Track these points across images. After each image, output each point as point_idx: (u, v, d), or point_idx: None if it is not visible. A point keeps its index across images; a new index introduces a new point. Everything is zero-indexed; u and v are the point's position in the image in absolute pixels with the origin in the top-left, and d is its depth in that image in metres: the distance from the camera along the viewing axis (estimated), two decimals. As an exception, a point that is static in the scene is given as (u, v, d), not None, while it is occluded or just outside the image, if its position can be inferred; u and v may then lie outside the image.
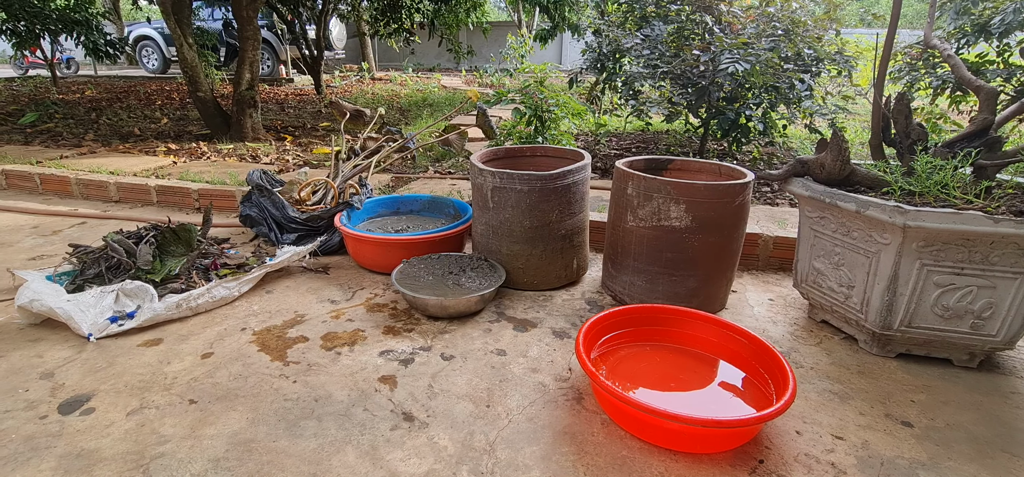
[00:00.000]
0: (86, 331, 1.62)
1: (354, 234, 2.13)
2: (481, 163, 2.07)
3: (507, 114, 4.80)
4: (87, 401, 1.36)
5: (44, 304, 1.66)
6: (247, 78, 4.32)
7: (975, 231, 1.36)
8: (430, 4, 7.28)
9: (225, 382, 1.44)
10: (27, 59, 10.26)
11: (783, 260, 2.23)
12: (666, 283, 1.82)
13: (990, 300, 1.43)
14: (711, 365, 1.52)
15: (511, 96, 3.36)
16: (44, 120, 4.96)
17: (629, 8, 3.91)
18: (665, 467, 1.18)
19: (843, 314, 1.68)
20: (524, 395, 1.41)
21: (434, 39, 7.94)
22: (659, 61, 3.22)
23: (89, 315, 1.68)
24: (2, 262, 2.21)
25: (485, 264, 2.03)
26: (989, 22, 3.17)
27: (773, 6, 3.38)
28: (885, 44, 1.79)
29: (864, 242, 1.54)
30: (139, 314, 1.71)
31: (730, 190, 1.72)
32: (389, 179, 3.26)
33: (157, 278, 1.89)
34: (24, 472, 1.13)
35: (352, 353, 1.59)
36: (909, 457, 1.22)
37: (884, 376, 1.53)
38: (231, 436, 1.25)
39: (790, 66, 3.02)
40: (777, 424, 1.31)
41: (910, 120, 1.72)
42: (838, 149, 1.61)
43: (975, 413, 1.38)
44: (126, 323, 1.68)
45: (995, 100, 1.65)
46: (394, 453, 1.20)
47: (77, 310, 1.67)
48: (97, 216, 2.80)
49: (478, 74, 10.00)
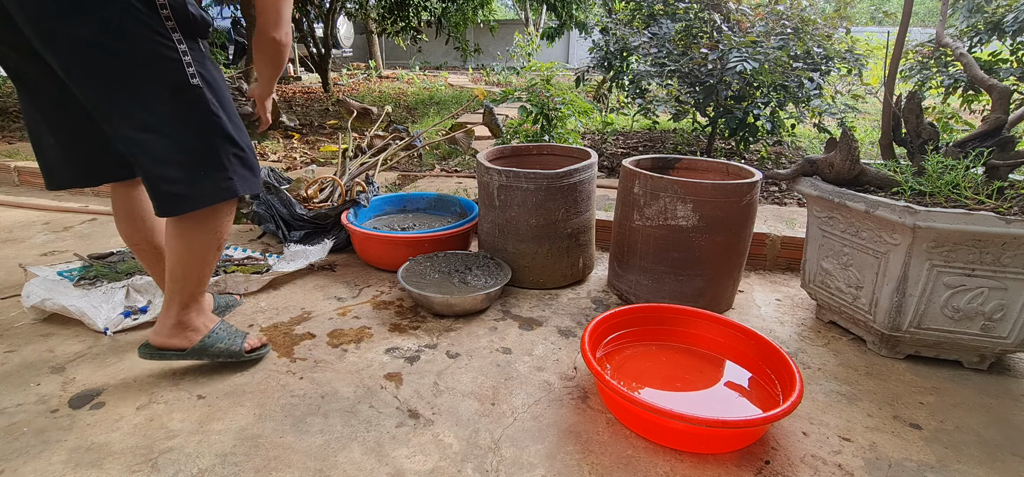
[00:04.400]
0: (102, 326, 1.65)
1: (361, 232, 2.14)
2: (488, 161, 2.07)
3: (514, 112, 4.80)
4: (97, 395, 1.38)
5: (57, 303, 1.68)
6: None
7: (986, 232, 1.34)
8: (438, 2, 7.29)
9: (233, 378, 1.45)
10: (39, 57, 10.35)
11: (791, 260, 2.21)
12: (672, 282, 1.81)
13: (1001, 302, 1.41)
14: (717, 365, 1.51)
15: (518, 94, 3.36)
16: (56, 117, 5.01)
17: (637, 6, 3.90)
18: (670, 467, 1.18)
19: (851, 315, 1.67)
20: (529, 393, 1.41)
21: (441, 37, 7.94)
22: (667, 59, 3.21)
23: (102, 311, 1.70)
24: (14, 257, 2.24)
25: (491, 262, 2.03)
26: (1002, 20, 3.13)
27: (783, 4, 3.36)
28: (896, 42, 1.77)
29: (873, 242, 1.53)
30: (152, 308, 1.73)
31: (738, 189, 1.71)
32: (396, 177, 3.27)
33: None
34: (36, 464, 1.15)
35: (358, 350, 1.60)
36: (917, 459, 1.21)
37: (892, 378, 1.51)
38: (238, 431, 1.26)
39: (799, 65, 2.99)
40: (784, 425, 1.31)
41: (921, 119, 1.71)
42: (847, 148, 1.60)
43: (985, 416, 1.36)
44: (139, 317, 1.70)
45: (1008, 99, 1.63)
46: (399, 450, 1.21)
47: (90, 306, 1.70)
48: (108, 213, 2.83)
49: (485, 72, 10.00)
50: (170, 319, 1.38)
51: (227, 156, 1.26)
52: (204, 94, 1.22)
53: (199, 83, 1.21)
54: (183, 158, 1.22)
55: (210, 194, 1.26)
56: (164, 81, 1.18)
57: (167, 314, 1.38)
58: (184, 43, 1.20)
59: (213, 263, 1.38)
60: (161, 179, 1.22)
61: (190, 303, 1.38)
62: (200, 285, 1.38)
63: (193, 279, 1.36)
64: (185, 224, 1.30)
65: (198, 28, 1.23)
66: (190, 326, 1.40)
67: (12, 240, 2.45)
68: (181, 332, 1.39)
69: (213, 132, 1.24)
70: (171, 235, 1.31)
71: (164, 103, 1.19)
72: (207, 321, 1.44)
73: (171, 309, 1.38)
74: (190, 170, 1.23)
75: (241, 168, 1.29)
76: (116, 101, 1.16)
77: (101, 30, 1.10)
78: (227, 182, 1.26)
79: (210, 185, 1.25)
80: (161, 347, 1.40)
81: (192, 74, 1.20)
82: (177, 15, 1.18)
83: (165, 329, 1.38)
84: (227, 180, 1.26)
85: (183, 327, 1.39)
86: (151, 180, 1.24)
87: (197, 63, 1.22)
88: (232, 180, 1.27)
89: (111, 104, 1.17)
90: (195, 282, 1.36)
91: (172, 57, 1.18)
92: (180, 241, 1.31)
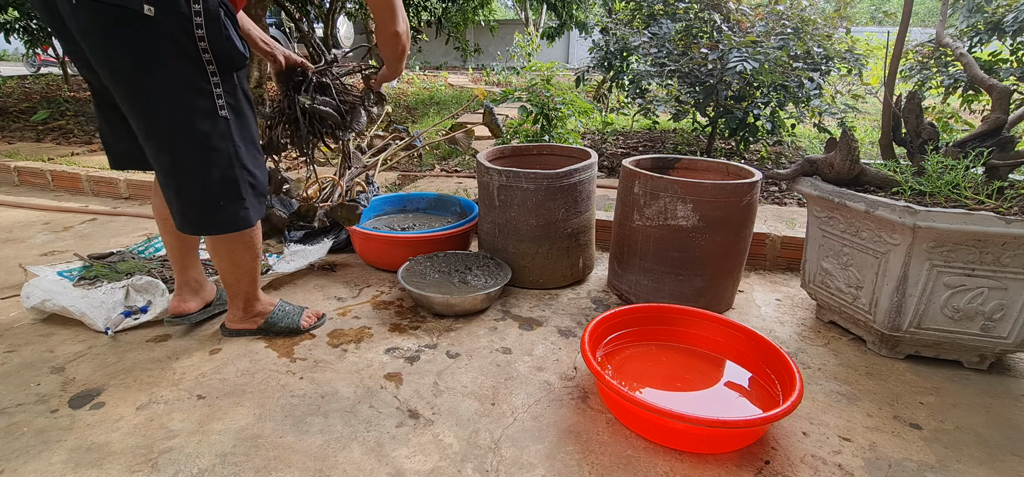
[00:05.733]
0: (102, 326, 1.65)
1: (361, 232, 2.14)
2: (488, 161, 2.07)
3: (514, 112, 4.79)
4: (97, 395, 1.38)
5: (57, 303, 1.68)
6: (255, 77, 4.35)
7: (986, 232, 1.34)
8: (438, 2, 7.28)
9: (233, 378, 1.45)
10: (39, 57, 10.36)
11: (791, 260, 2.21)
12: (672, 282, 1.81)
13: (1001, 302, 1.41)
14: (717, 365, 1.51)
15: (518, 94, 3.36)
16: (55, 118, 5.02)
17: (637, 6, 3.90)
18: (670, 467, 1.18)
19: (851, 315, 1.67)
20: (529, 393, 1.41)
21: (441, 37, 7.93)
22: (667, 59, 3.21)
23: (102, 311, 1.70)
24: (15, 257, 2.24)
25: (491, 262, 2.03)
26: (1002, 20, 3.13)
27: (783, 4, 3.36)
28: (896, 42, 1.77)
29: (873, 242, 1.53)
30: (152, 308, 1.73)
31: (738, 189, 1.71)
32: (396, 177, 3.27)
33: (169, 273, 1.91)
34: (36, 464, 1.15)
35: (358, 350, 1.60)
36: (917, 459, 1.21)
37: (892, 378, 1.51)
38: (238, 431, 1.26)
39: (799, 64, 2.99)
40: (784, 425, 1.31)
41: (921, 119, 1.71)
42: (847, 148, 1.60)
43: (985, 416, 1.36)
44: (140, 317, 1.70)
45: (1008, 99, 1.63)
46: (399, 450, 1.21)
47: (90, 307, 1.69)
48: (107, 213, 2.83)
49: (485, 72, 10.00)
50: (238, 311, 1.61)
51: (244, 186, 1.37)
52: (230, 127, 1.30)
53: (227, 115, 1.29)
54: (201, 188, 1.32)
55: (224, 224, 1.38)
56: (195, 112, 1.25)
57: (234, 307, 1.61)
58: (218, 76, 1.26)
59: (253, 266, 1.54)
60: (184, 204, 1.35)
61: (251, 299, 1.60)
62: (252, 285, 1.58)
63: (244, 281, 1.55)
64: (216, 242, 1.45)
65: (235, 63, 1.29)
66: (254, 312, 1.63)
67: (12, 240, 2.45)
68: (248, 318, 1.63)
69: (233, 164, 1.33)
70: (209, 248, 1.48)
71: (191, 134, 1.27)
72: (267, 306, 1.65)
73: (236, 303, 1.60)
74: (206, 202, 1.34)
75: (253, 196, 1.41)
76: (150, 127, 1.27)
77: (140, 60, 1.19)
78: (244, 211, 1.39)
79: (224, 216, 1.37)
80: (235, 329, 1.64)
81: (221, 106, 1.28)
82: (214, 49, 1.24)
83: (236, 318, 1.63)
84: (244, 210, 1.39)
85: (249, 314, 1.63)
86: (173, 204, 1.37)
87: (227, 94, 1.29)
88: (248, 211, 1.40)
89: (147, 129, 1.27)
90: (247, 283, 1.56)
91: (205, 89, 1.25)
92: (216, 255, 1.49)
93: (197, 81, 1.23)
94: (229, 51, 1.25)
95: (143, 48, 1.17)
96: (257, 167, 1.40)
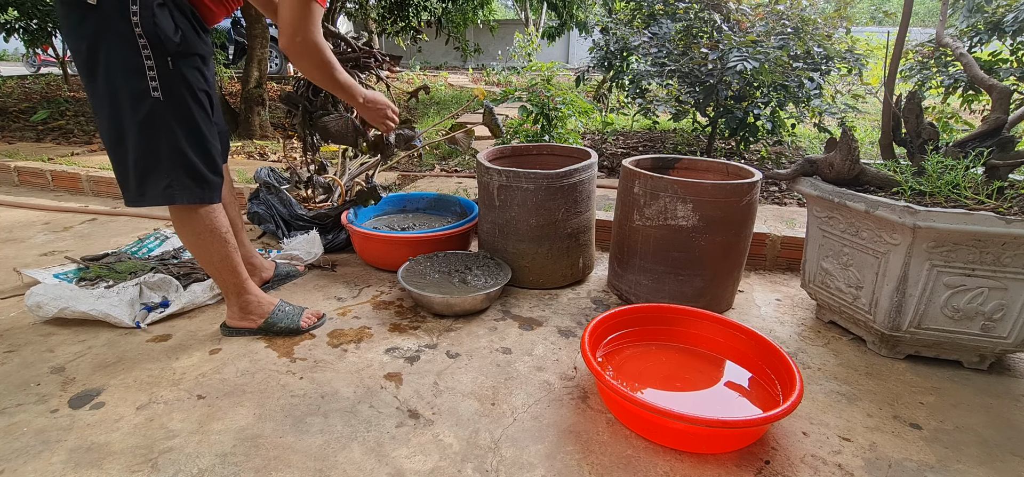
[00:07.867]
0: (130, 321, 1.68)
1: (361, 232, 2.14)
2: (488, 161, 2.07)
3: (514, 112, 4.80)
4: (97, 395, 1.38)
5: (76, 310, 1.68)
6: (255, 76, 4.34)
7: (986, 232, 1.34)
8: (438, 2, 7.28)
9: (233, 378, 1.45)
10: (39, 57, 10.37)
11: (791, 260, 2.21)
12: (672, 282, 1.81)
13: (1001, 302, 1.41)
14: (717, 365, 1.51)
15: (518, 94, 3.36)
16: (55, 117, 5.02)
17: (637, 6, 3.90)
18: (670, 467, 1.18)
19: (851, 315, 1.67)
20: (529, 393, 1.41)
21: (441, 37, 7.93)
22: (667, 59, 3.21)
23: (124, 309, 1.71)
24: (14, 258, 2.24)
25: (491, 262, 2.03)
26: (1002, 20, 3.13)
27: (783, 4, 3.36)
28: (896, 42, 1.77)
29: (873, 242, 1.53)
30: (175, 301, 1.77)
31: (738, 189, 1.71)
32: (396, 177, 3.27)
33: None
34: (36, 464, 1.15)
35: (358, 350, 1.60)
36: (917, 459, 1.21)
37: (892, 378, 1.51)
38: (238, 431, 1.26)
39: (799, 64, 2.99)
40: (784, 425, 1.31)
41: (921, 119, 1.71)
42: (847, 148, 1.60)
43: (985, 416, 1.36)
44: (162, 311, 1.73)
45: (1008, 99, 1.63)
46: (399, 450, 1.21)
47: (110, 307, 1.70)
48: (107, 213, 2.83)
49: (485, 72, 10.00)
50: (233, 307, 1.64)
51: (175, 166, 1.42)
52: (164, 108, 1.37)
53: (159, 96, 1.35)
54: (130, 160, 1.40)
55: (153, 197, 1.43)
56: (131, 92, 1.34)
57: (228, 302, 1.65)
58: (152, 59, 1.33)
59: (223, 251, 1.55)
60: (121, 176, 1.43)
61: (240, 293, 1.62)
62: (234, 275, 1.59)
63: (223, 270, 1.57)
64: (179, 228, 1.51)
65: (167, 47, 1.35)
66: (251, 311, 1.65)
67: (12, 240, 2.44)
68: (246, 316, 1.65)
69: (162, 143, 1.39)
70: (179, 237, 1.56)
71: (128, 111, 1.36)
72: (266, 305, 1.67)
73: (229, 298, 1.63)
74: (137, 174, 1.41)
75: (186, 177, 1.44)
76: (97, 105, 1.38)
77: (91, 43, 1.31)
78: (170, 189, 1.43)
79: (153, 189, 1.42)
80: (235, 328, 1.66)
81: (154, 88, 1.35)
82: (147, 33, 1.32)
83: (233, 315, 1.65)
84: (169, 187, 1.43)
85: (245, 312, 1.64)
86: (117, 176, 1.44)
87: (161, 77, 1.35)
88: (171, 188, 1.43)
89: (95, 106, 1.39)
90: (227, 273, 1.58)
91: (139, 69, 1.33)
92: (184, 242, 1.54)
93: (134, 61, 1.32)
94: (159, 36, 1.32)
95: (91, 32, 1.30)
96: (195, 151, 1.44)
